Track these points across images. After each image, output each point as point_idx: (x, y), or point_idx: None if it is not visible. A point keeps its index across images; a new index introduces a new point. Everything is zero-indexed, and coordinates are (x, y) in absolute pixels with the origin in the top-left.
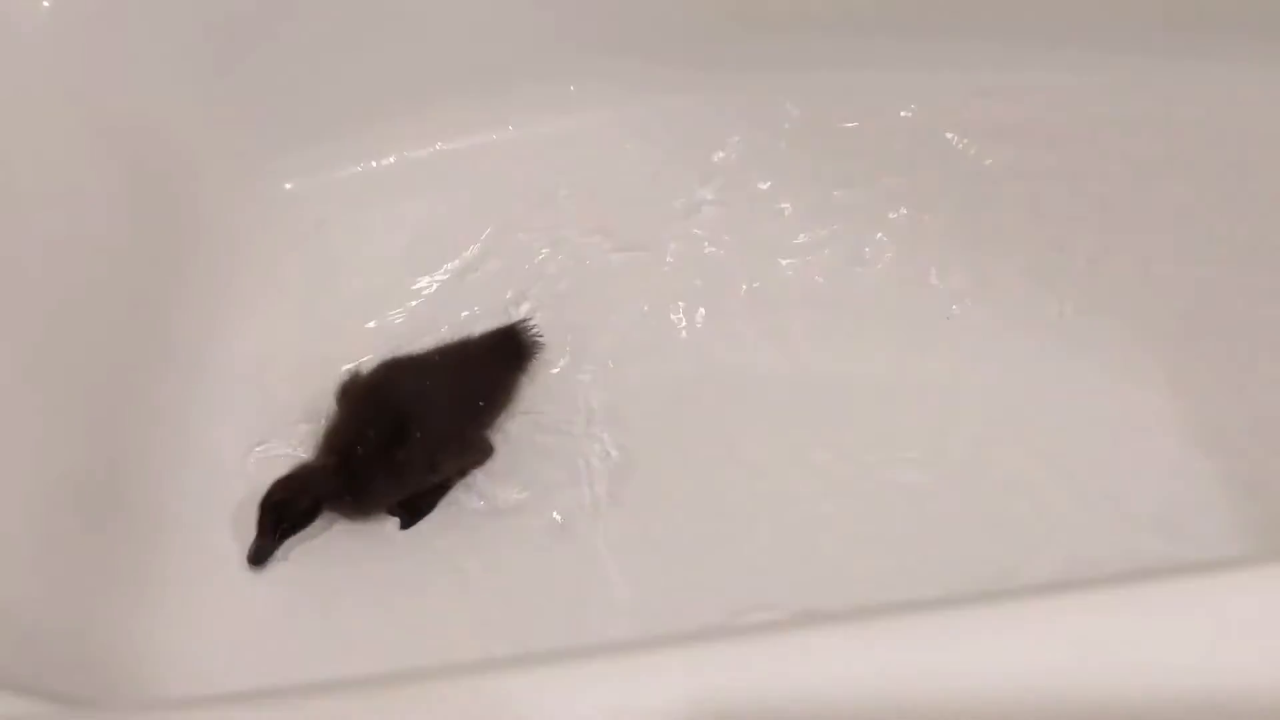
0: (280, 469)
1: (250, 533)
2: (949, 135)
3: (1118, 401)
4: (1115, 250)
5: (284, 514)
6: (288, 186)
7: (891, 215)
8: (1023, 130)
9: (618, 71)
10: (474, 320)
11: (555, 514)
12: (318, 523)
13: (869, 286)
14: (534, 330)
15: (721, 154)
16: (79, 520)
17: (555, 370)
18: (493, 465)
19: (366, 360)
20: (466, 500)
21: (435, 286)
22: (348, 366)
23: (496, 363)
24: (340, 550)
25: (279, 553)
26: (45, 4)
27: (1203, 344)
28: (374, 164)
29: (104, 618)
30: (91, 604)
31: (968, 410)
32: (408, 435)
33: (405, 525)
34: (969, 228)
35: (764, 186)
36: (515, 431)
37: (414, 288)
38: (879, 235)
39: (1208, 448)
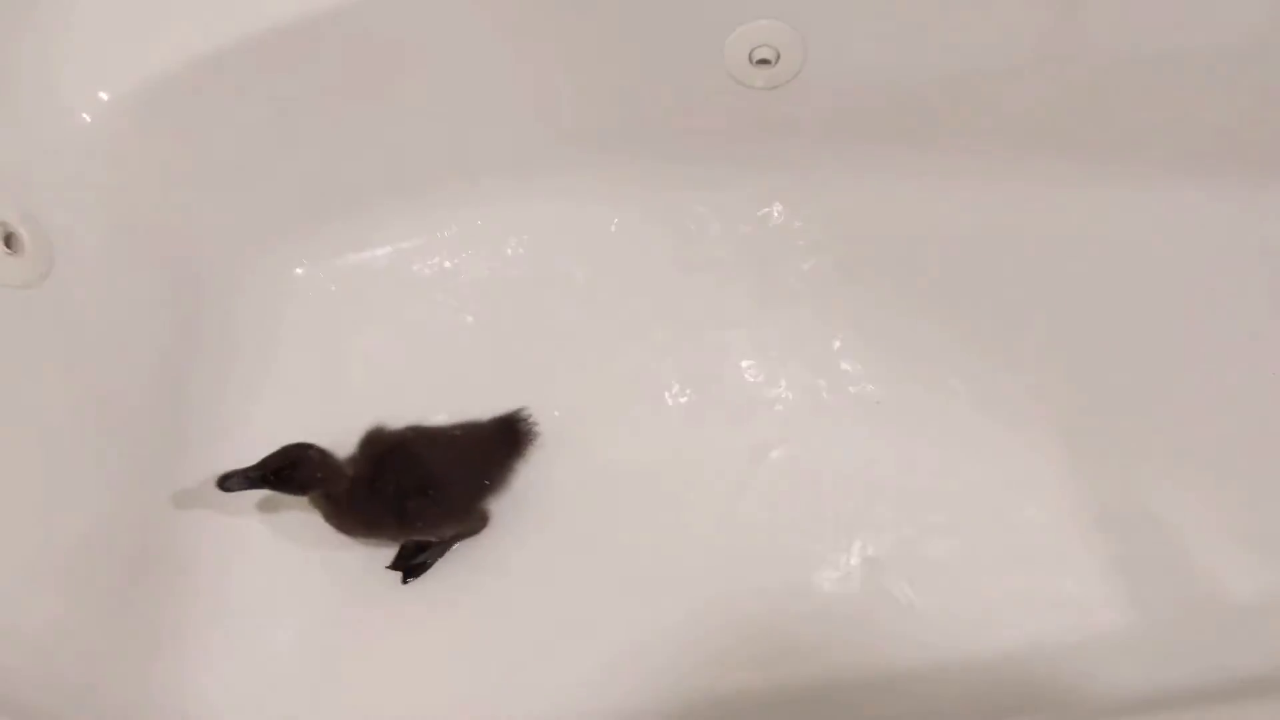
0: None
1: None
2: (894, 241)
3: (1018, 484)
4: (1027, 351)
5: (290, 468)
6: (298, 272)
7: (822, 312)
8: (945, 237)
9: (609, 171)
10: (463, 394)
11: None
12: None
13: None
14: (530, 420)
15: (698, 247)
16: (116, 572)
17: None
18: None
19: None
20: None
21: (426, 362)
22: (374, 424)
23: (500, 447)
24: (352, 601)
25: (295, 600)
26: (86, 118)
27: (1096, 438)
28: (372, 253)
29: (135, 660)
30: (124, 647)
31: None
32: (423, 492)
33: (406, 580)
34: (895, 326)
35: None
36: None
37: (407, 363)
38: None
39: (1099, 528)
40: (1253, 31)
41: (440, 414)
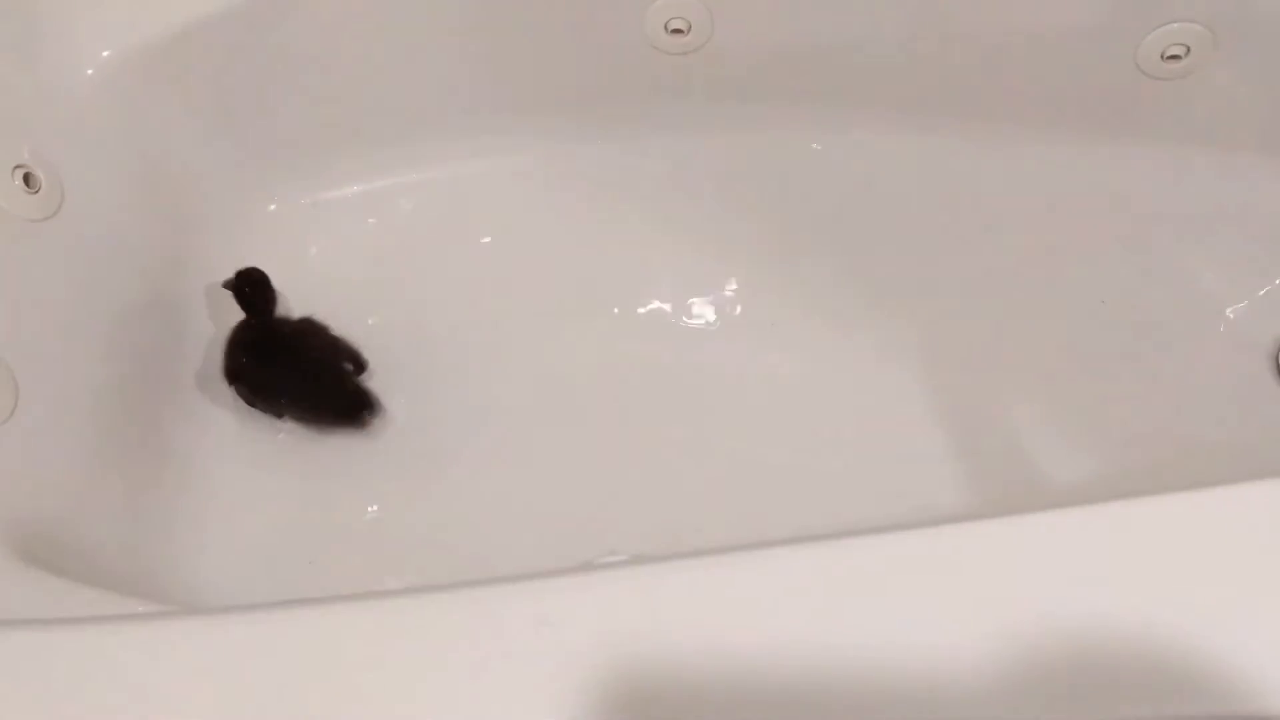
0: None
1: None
2: (792, 188)
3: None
4: (901, 279)
5: (258, 285)
6: (271, 208)
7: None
8: (834, 183)
9: (545, 124)
10: (416, 319)
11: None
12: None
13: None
14: (376, 416)
15: (623, 192)
16: (126, 457)
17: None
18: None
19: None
20: None
21: (383, 290)
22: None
23: (347, 404)
24: (323, 487)
25: (272, 488)
26: (90, 72)
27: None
28: (339, 193)
29: (144, 535)
30: (136, 522)
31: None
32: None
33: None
34: (788, 259)
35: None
36: None
37: (366, 291)
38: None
39: (950, 424)
40: (1094, 16)
41: (397, 338)
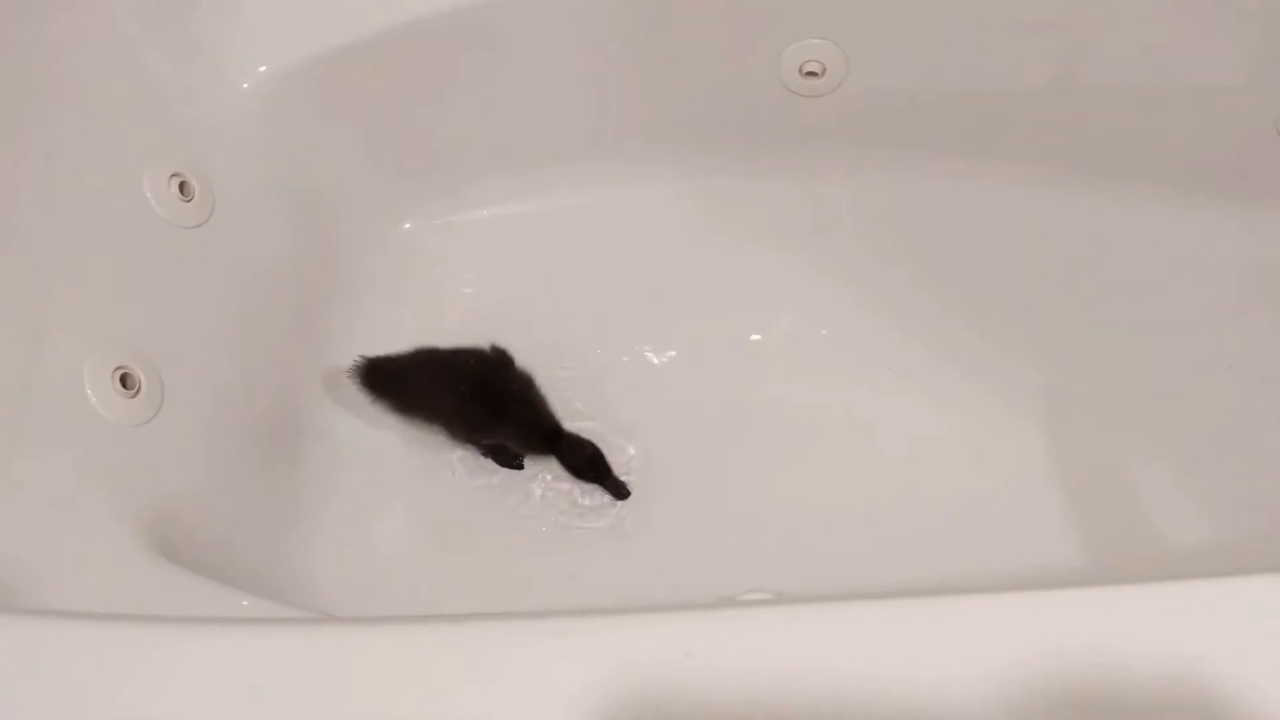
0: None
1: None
2: (922, 234)
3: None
4: (1021, 329)
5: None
6: (406, 226)
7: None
8: (957, 230)
9: (679, 157)
10: (539, 335)
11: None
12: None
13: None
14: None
15: (744, 226)
16: (255, 453)
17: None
18: None
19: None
20: None
21: (510, 308)
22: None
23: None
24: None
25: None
26: (245, 86)
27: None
28: (471, 215)
29: (263, 530)
30: (255, 518)
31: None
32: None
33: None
34: (914, 304)
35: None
36: None
37: (494, 308)
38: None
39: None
40: (1234, 74)
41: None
